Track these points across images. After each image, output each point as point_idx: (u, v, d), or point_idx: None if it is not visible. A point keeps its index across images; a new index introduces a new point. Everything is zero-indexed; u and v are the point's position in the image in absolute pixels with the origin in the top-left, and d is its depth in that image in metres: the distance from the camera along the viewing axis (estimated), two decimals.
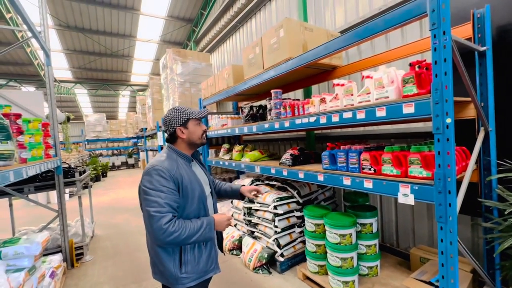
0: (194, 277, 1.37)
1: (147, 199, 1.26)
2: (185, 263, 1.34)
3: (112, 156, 16.00)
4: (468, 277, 1.99)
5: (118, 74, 14.99)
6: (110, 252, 3.68)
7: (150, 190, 1.26)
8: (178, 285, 1.34)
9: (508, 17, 1.93)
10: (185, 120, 1.44)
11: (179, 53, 6.39)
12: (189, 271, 1.35)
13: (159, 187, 1.27)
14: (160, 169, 1.30)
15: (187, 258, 1.35)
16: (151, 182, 1.28)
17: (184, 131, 1.45)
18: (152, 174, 1.29)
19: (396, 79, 1.67)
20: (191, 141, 1.47)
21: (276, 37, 2.64)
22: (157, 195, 1.25)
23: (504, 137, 1.90)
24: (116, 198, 7.35)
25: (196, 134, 1.47)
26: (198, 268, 1.38)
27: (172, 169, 1.33)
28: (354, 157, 1.92)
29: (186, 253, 1.35)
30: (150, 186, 1.27)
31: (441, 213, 1.40)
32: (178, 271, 1.33)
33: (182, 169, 1.38)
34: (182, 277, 1.33)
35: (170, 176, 1.30)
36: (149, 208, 1.23)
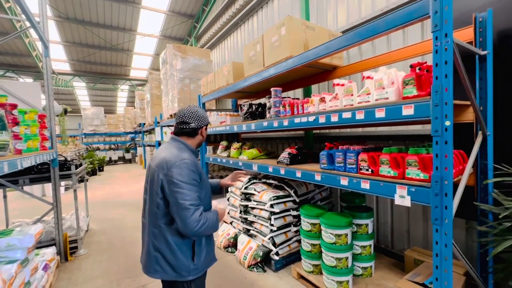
0: (202, 267, 1.44)
1: (180, 192, 1.29)
2: (198, 254, 1.41)
3: (109, 151, 15.93)
4: (461, 280, 2.00)
5: (117, 68, 14.89)
6: (104, 247, 3.67)
7: (182, 183, 1.30)
8: (189, 276, 1.38)
9: (509, 22, 1.93)
10: (207, 123, 1.60)
11: (179, 48, 6.35)
12: (199, 262, 1.42)
13: (191, 180, 1.33)
14: (190, 162, 1.37)
15: (198, 250, 1.42)
16: (182, 175, 1.32)
17: (204, 133, 1.58)
18: (183, 168, 1.34)
19: (396, 81, 1.66)
20: (200, 142, 1.59)
21: (278, 35, 2.63)
22: (190, 188, 1.31)
23: (502, 141, 1.90)
24: (112, 192, 7.32)
25: (204, 138, 1.61)
26: (208, 259, 1.47)
27: (196, 162, 1.43)
28: (352, 157, 1.91)
29: (199, 245, 1.43)
30: (182, 179, 1.31)
31: (437, 216, 1.40)
32: (191, 263, 1.39)
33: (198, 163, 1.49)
34: (194, 268, 1.39)
35: (196, 169, 1.39)
36: (184, 201, 1.28)
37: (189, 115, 1.50)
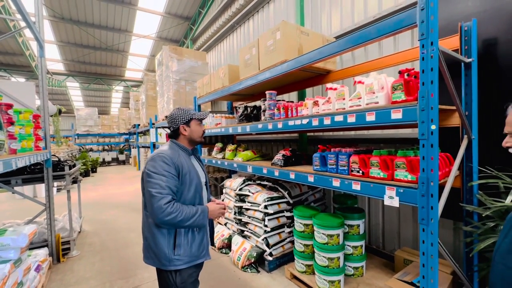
0: (186, 260, 1.47)
1: (150, 181, 1.38)
2: (179, 246, 1.45)
3: (102, 152, 15.76)
4: (448, 279, 2.07)
5: (112, 68, 14.80)
6: (97, 248, 3.64)
7: (153, 174, 1.39)
8: (170, 266, 1.44)
9: (493, 32, 2.03)
10: (189, 119, 1.61)
11: (175, 50, 6.37)
12: (182, 254, 1.45)
13: (162, 171, 1.40)
14: (164, 155, 1.44)
15: (180, 241, 1.45)
16: (155, 167, 1.41)
17: (187, 129, 1.61)
18: (156, 160, 1.43)
19: (386, 86, 1.73)
20: (192, 138, 1.63)
21: (273, 39, 2.69)
22: (159, 178, 1.38)
23: (486, 145, 1.99)
24: (105, 194, 7.25)
25: (196, 133, 1.63)
26: (190, 252, 1.48)
27: (174, 157, 1.48)
28: (343, 159, 1.97)
29: (180, 237, 1.46)
30: (153, 170, 1.40)
31: (423, 216, 1.46)
32: (172, 253, 1.43)
33: (182, 159, 1.53)
34: (175, 259, 1.44)
35: (172, 162, 1.44)
36: (151, 189, 1.36)
37: (168, 120, 1.64)
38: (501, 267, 0.88)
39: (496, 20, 2.01)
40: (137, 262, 3.19)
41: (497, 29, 2.01)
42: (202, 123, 1.70)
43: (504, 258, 0.87)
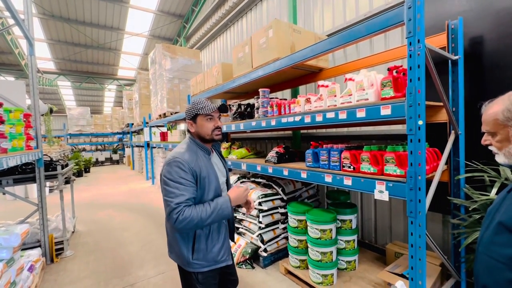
0: (205, 264, 1.44)
1: (165, 189, 1.33)
2: (197, 251, 1.42)
3: (95, 152, 15.55)
4: (437, 270, 2.13)
5: (104, 67, 14.60)
6: (91, 248, 3.62)
7: (169, 181, 1.33)
8: (189, 268, 1.43)
9: (479, 30, 2.09)
10: (194, 115, 1.47)
11: (168, 48, 6.34)
12: (200, 259, 1.42)
13: (178, 178, 1.33)
14: (180, 161, 1.35)
15: (199, 247, 1.42)
16: (171, 173, 1.34)
17: (193, 125, 1.50)
18: (172, 166, 1.35)
19: (375, 83, 1.77)
20: (200, 135, 1.49)
21: (265, 37, 2.70)
22: (175, 187, 1.31)
23: (472, 140, 2.05)
24: (99, 194, 7.18)
25: (204, 129, 1.47)
26: (208, 257, 1.44)
27: (191, 161, 1.38)
28: (335, 155, 2.01)
29: (200, 242, 1.42)
30: (169, 177, 1.33)
31: (412, 209, 1.51)
32: (190, 256, 1.41)
33: (201, 161, 1.43)
34: (194, 262, 1.42)
35: (189, 168, 1.35)
36: (166, 197, 1.32)
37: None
38: (485, 258, 0.91)
39: (482, 19, 2.07)
40: (132, 261, 3.19)
41: (482, 27, 2.07)
42: (216, 117, 1.50)
43: (487, 249, 0.91)
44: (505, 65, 1.97)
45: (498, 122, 0.92)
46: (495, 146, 0.97)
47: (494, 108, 0.94)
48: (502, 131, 0.92)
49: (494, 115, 0.93)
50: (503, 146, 0.93)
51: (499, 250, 0.86)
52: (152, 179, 8.45)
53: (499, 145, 0.95)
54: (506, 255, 0.84)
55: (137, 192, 7.32)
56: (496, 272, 0.86)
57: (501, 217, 0.89)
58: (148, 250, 3.47)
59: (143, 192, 7.30)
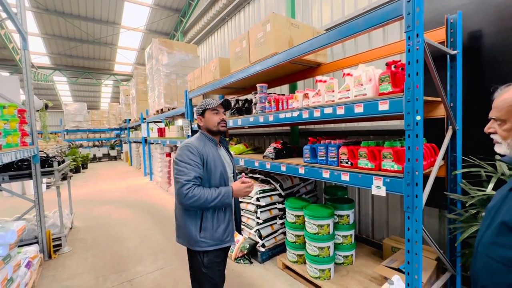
0: (211, 243, 1.57)
1: (176, 168, 1.52)
2: (204, 229, 1.56)
3: (93, 148, 15.48)
4: (433, 264, 2.15)
5: (100, 62, 14.41)
6: (89, 244, 3.62)
7: (179, 162, 1.53)
8: (196, 246, 1.56)
9: (478, 24, 2.07)
10: (203, 110, 1.70)
11: (165, 43, 6.26)
12: (207, 237, 1.56)
13: (187, 159, 1.53)
14: (190, 145, 1.57)
15: (206, 225, 1.56)
16: (181, 155, 1.55)
17: (202, 120, 1.71)
18: (183, 149, 1.57)
19: (374, 78, 1.75)
20: (208, 128, 1.70)
21: (263, 32, 2.67)
22: (184, 166, 1.51)
23: (469, 135, 2.05)
24: (97, 190, 7.16)
25: (211, 122, 1.68)
26: (215, 236, 1.58)
27: (199, 146, 1.60)
28: (333, 151, 2.00)
29: (207, 221, 1.57)
30: (180, 158, 1.54)
31: (409, 204, 1.51)
32: (198, 235, 1.55)
33: (208, 148, 1.63)
34: (201, 241, 1.55)
35: (197, 152, 1.56)
36: (176, 175, 1.50)
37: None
38: (484, 258, 0.88)
39: (481, 13, 2.05)
40: (130, 256, 3.19)
41: (481, 21, 2.05)
42: (221, 112, 1.71)
43: (487, 249, 0.88)
44: (504, 60, 1.96)
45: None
46: (500, 135, 0.91)
47: (511, 93, 0.86)
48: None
49: (510, 101, 0.85)
50: (510, 135, 0.87)
51: (501, 252, 0.83)
52: (150, 175, 8.43)
53: (506, 134, 0.89)
54: (508, 257, 0.81)
55: (135, 188, 7.31)
56: (497, 274, 0.84)
57: (504, 217, 0.85)
58: (147, 246, 3.47)
59: (141, 188, 7.30)
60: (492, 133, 0.94)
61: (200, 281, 1.61)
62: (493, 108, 0.92)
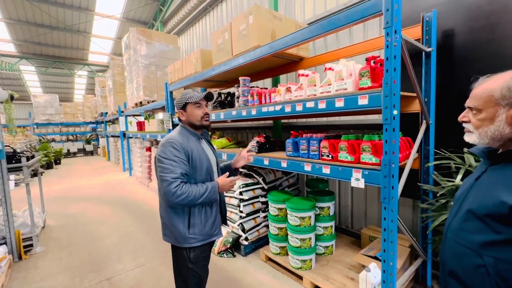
0: (200, 238, 1.55)
1: (160, 166, 1.45)
2: (193, 225, 1.53)
3: (67, 142, 14.66)
4: (407, 251, 2.28)
5: (73, 51, 13.53)
6: (64, 243, 3.45)
7: (163, 159, 1.46)
8: (185, 244, 1.52)
9: (451, 23, 2.17)
10: (184, 104, 1.61)
11: (144, 32, 5.99)
12: (196, 233, 1.54)
13: (171, 156, 1.46)
14: (173, 141, 1.49)
15: (195, 221, 1.53)
16: (165, 152, 1.47)
17: (184, 114, 1.64)
18: (166, 146, 1.49)
19: (354, 72, 1.79)
20: (190, 122, 1.63)
21: (246, 24, 2.62)
22: (170, 164, 1.44)
23: (441, 129, 2.17)
24: (72, 187, 6.82)
25: (194, 116, 1.61)
26: (204, 231, 1.56)
27: (183, 142, 1.53)
28: (314, 144, 2.04)
29: (194, 217, 1.53)
30: (163, 156, 1.46)
31: (385, 195, 1.57)
32: (187, 231, 1.52)
33: (192, 143, 1.57)
34: (190, 237, 1.52)
35: (181, 148, 1.49)
36: (162, 174, 1.43)
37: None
38: (453, 243, 0.94)
39: (454, 12, 2.15)
40: (109, 254, 3.09)
41: (454, 21, 2.15)
42: (204, 105, 1.64)
43: (455, 235, 0.93)
44: (474, 58, 2.07)
45: (492, 99, 0.85)
46: (473, 124, 0.92)
47: (491, 83, 0.87)
48: (490, 109, 0.86)
49: (490, 91, 0.85)
50: (483, 125, 0.88)
51: (468, 237, 0.88)
52: (129, 170, 8.15)
53: (479, 123, 0.89)
54: (474, 241, 0.86)
55: (114, 184, 7.05)
56: (464, 258, 0.89)
57: (470, 205, 0.90)
58: (127, 243, 3.37)
59: (120, 184, 7.04)
60: (466, 122, 0.95)
61: (186, 277, 1.58)
62: (471, 97, 0.92)
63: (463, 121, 0.96)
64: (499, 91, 0.83)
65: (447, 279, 0.96)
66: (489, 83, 0.88)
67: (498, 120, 0.84)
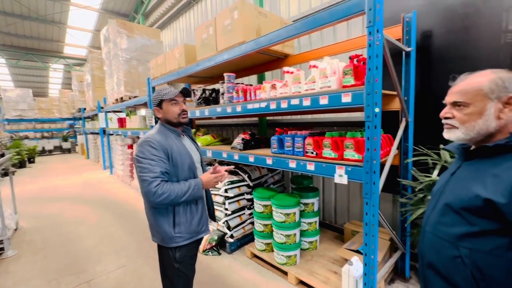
0: (187, 236, 1.52)
1: (139, 166, 1.41)
2: (179, 224, 1.49)
3: (41, 139, 13.89)
4: (387, 244, 2.36)
5: (47, 43, 12.79)
6: (39, 246, 3.28)
7: (141, 159, 1.41)
8: (172, 243, 1.49)
9: (429, 24, 2.25)
10: (159, 101, 1.55)
11: (124, 25, 5.76)
12: (182, 231, 1.50)
13: (150, 155, 1.41)
14: (151, 140, 1.44)
15: (180, 220, 1.50)
16: (142, 152, 1.42)
17: (160, 111, 1.58)
18: (143, 145, 1.44)
19: (338, 70, 1.81)
20: (167, 120, 1.57)
21: (230, 19, 2.58)
22: (148, 163, 1.39)
23: (420, 126, 2.25)
24: (48, 186, 6.48)
25: (170, 113, 1.55)
26: (190, 229, 1.53)
27: (161, 140, 1.48)
28: (299, 141, 2.05)
29: (179, 216, 1.50)
30: (141, 155, 1.42)
31: (367, 190, 1.62)
32: (172, 231, 1.48)
33: (171, 141, 1.52)
34: (176, 236, 1.49)
35: (160, 146, 1.44)
36: (141, 174, 1.38)
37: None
38: (431, 236, 0.97)
39: (432, 14, 2.23)
40: (89, 256, 2.97)
41: (433, 22, 2.23)
42: (181, 101, 1.57)
43: (433, 228, 0.97)
44: (450, 58, 2.16)
45: (480, 92, 0.86)
46: (458, 120, 0.92)
47: (477, 78, 0.89)
48: (479, 103, 0.87)
49: (478, 85, 0.87)
50: (470, 119, 0.88)
51: (445, 230, 0.92)
52: (110, 168, 7.87)
53: (466, 118, 0.89)
54: (451, 233, 0.90)
55: (94, 183, 6.77)
56: (441, 250, 0.92)
57: (447, 199, 0.93)
58: (107, 244, 3.26)
59: (100, 182, 6.78)
60: (449, 118, 0.95)
61: (172, 277, 1.54)
62: (455, 93, 0.92)
63: (446, 117, 0.95)
64: (488, 85, 0.85)
65: (426, 271, 1.00)
66: (474, 79, 0.89)
67: (487, 114, 0.86)
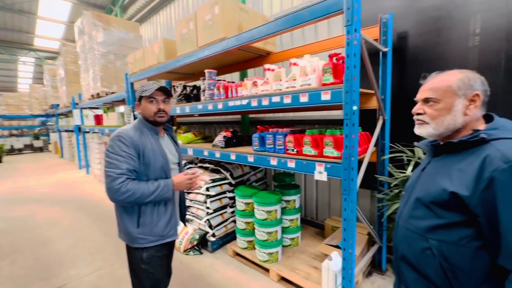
0: (151, 239, 1.46)
1: (106, 161, 1.37)
2: (143, 225, 1.44)
3: (9, 137, 13.00)
4: (365, 239, 2.44)
5: (14, 34, 11.92)
6: (6, 250, 3.06)
7: (110, 154, 1.37)
8: (134, 243, 1.44)
9: (405, 26, 2.33)
10: (139, 97, 1.50)
11: (100, 18, 5.49)
12: (146, 233, 1.44)
13: (118, 151, 1.36)
14: (122, 135, 1.39)
15: (145, 221, 1.44)
16: (112, 147, 1.38)
17: (139, 107, 1.53)
18: (114, 140, 1.39)
19: (317, 68, 1.83)
20: (145, 117, 1.52)
21: (211, 14, 2.53)
22: (116, 158, 1.35)
23: (395, 124, 2.33)
24: (16, 187, 6.08)
25: (146, 111, 1.49)
26: (155, 231, 1.46)
27: (135, 136, 1.42)
28: (280, 139, 2.06)
29: (145, 216, 1.44)
30: (111, 150, 1.37)
31: (346, 187, 1.65)
32: (135, 231, 1.43)
33: (146, 138, 1.46)
34: (139, 237, 1.43)
35: (131, 142, 1.39)
36: (107, 169, 1.34)
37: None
38: (403, 230, 1.01)
39: (407, 16, 2.31)
40: (61, 260, 2.82)
41: (408, 23, 2.31)
42: (160, 100, 1.48)
43: (406, 222, 1.01)
44: (423, 59, 2.25)
45: (450, 89, 0.91)
46: (429, 115, 0.96)
47: (447, 77, 0.94)
48: (448, 100, 0.92)
49: (448, 83, 0.92)
50: (440, 115, 0.93)
51: (416, 223, 0.96)
52: (86, 167, 7.51)
53: (436, 113, 0.94)
54: (421, 227, 0.94)
55: (68, 183, 6.44)
56: (412, 243, 0.97)
57: (418, 194, 0.98)
58: (82, 246, 3.11)
59: (75, 182, 6.46)
60: (420, 114, 0.99)
61: (140, 277, 1.49)
62: (427, 90, 0.97)
63: (418, 113, 1.00)
64: (456, 83, 0.91)
65: (399, 264, 1.04)
66: (443, 77, 0.95)
67: (455, 110, 0.91)
